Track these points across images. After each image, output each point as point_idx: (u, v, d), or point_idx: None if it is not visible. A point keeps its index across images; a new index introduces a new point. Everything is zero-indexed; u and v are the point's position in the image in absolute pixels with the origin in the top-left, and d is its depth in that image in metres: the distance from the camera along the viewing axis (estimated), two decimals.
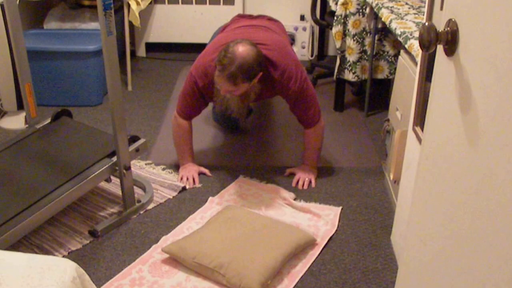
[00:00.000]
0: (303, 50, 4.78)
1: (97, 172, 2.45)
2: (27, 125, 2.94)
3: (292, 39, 4.76)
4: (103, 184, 2.81)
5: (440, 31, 1.26)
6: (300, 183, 2.92)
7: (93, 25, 4.09)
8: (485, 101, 1.09)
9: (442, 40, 1.27)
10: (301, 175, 2.96)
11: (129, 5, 3.84)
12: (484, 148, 1.10)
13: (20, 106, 3.55)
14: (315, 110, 2.88)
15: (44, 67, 3.71)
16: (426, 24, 1.25)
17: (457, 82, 1.24)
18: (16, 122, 3.55)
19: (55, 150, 2.65)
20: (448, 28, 1.26)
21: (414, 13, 2.97)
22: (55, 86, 3.78)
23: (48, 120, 2.93)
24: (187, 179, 2.92)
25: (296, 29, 4.74)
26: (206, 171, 3.00)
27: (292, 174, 3.00)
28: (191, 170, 2.96)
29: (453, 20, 1.25)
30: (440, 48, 1.34)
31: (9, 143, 2.74)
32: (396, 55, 3.51)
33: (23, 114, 3.48)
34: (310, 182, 2.94)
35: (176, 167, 3.04)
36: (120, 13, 4.03)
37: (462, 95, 1.21)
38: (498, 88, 1.04)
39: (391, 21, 2.85)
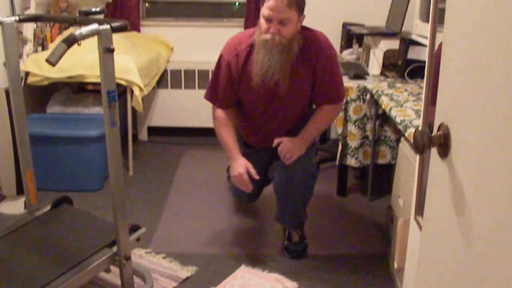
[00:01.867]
0: None
1: (96, 263, 2.40)
2: (26, 210, 2.91)
3: None
4: (101, 274, 2.75)
5: (433, 135, 1.30)
6: (282, 154, 2.82)
7: (96, 109, 4.12)
8: (477, 206, 1.10)
9: (435, 143, 1.30)
10: (286, 146, 2.82)
11: (132, 91, 3.88)
12: (477, 252, 1.09)
13: (20, 190, 3.52)
14: (342, 88, 2.93)
15: (45, 151, 3.72)
16: (420, 128, 1.27)
17: (451, 185, 1.25)
18: (15, 207, 3.52)
19: (54, 239, 2.61)
20: (440, 132, 1.29)
21: (414, 100, 3.00)
22: (56, 171, 3.77)
23: (48, 207, 2.90)
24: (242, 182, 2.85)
25: None
26: (252, 171, 2.84)
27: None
28: (240, 168, 2.84)
29: (444, 124, 1.29)
30: (434, 150, 1.36)
31: (8, 231, 2.70)
32: (398, 140, 3.52)
33: (22, 199, 3.45)
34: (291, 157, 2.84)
35: (177, 256, 2.98)
36: (123, 97, 4.07)
37: (456, 198, 1.22)
38: (489, 195, 1.04)
39: (390, 108, 2.88)
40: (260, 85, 2.77)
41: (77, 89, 4.36)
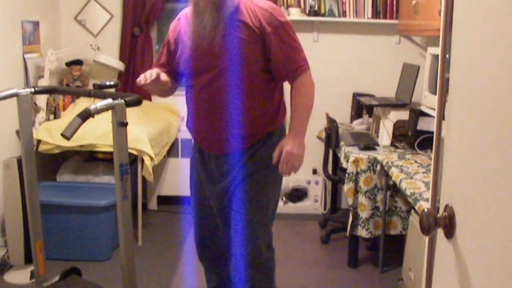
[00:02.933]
0: (316, 203, 4.78)
1: None
2: (33, 280, 2.88)
3: (305, 193, 4.78)
4: None
5: (438, 216, 1.31)
6: (280, 167, 2.44)
7: (106, 178, 4.13)
8: (481, 287, 1.10)
9: (440, 224, 1.31)
10: (283, 157, 2.43)
11: (142, 160, 3.90)
12: None
13: (28, 260, 3.49)
14: (303, 55, 2.52)
15: (54, 220, 3.69)
16: (425, 210, 1.30)
17: (456, 265, 1.25)
18: (21, 277, 3.47)
19: None
20: (446, 213, 1.31)
21: (423, 172, 2.99)
22: (64, 240, 3.73)
23: (57, 278, 2.87)
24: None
25: (308, 182, 4.77)
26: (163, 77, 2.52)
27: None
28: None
29: (449, 206, 1.30)
30: (440, 230, 1.36)
31: None
32: (409, 211, 3.49)
33: (29, 268, 3.41)
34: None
35: None
36: (133, 166, 4.09)
37: (461, 278, 1.21)
38: (492, 276, 1.04)
39: (401, 181, 2.87)
40: (194, 48, 2.51)
41: (88, 158, 4.38)
